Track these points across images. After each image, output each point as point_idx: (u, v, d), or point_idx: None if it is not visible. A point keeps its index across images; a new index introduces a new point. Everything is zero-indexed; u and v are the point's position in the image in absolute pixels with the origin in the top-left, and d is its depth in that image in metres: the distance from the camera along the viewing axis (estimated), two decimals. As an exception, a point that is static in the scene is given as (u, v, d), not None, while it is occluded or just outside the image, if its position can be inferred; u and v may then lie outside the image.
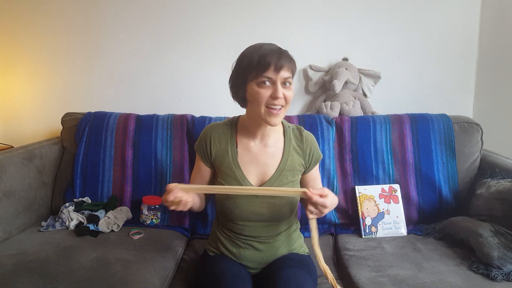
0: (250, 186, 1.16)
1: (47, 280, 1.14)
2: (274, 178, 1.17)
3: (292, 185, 1.19)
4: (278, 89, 1.06)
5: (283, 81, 1.07)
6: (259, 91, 1.07)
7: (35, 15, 2.09)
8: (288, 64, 1.07)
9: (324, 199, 1.03)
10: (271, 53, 1.06)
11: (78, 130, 1.77)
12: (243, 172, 1.17)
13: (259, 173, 1.18)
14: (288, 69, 1.08)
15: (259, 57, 1.06)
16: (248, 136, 1.20)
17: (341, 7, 2.03)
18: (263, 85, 1.07)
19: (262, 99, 1.07)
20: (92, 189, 1.71)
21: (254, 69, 1.06)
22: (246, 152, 1.19)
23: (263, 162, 1.18)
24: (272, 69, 1.05)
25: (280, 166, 1.18)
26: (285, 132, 1.23)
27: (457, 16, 2.01)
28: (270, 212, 1.16)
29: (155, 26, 2.07)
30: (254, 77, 1.07)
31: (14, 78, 2.15)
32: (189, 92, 2.12)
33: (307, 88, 2.10)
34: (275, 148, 1.20)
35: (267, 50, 1.07)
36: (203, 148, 1.21)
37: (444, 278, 1.20)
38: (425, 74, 2.06)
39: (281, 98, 1.07)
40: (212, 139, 1.20)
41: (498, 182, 1.47)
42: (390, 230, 1.57)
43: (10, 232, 1.46)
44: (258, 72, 1.06)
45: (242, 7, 2.04)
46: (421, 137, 1.69)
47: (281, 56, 1.06)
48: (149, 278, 1.20)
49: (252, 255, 1.19)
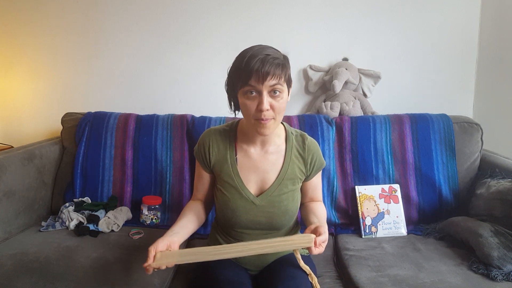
0: (250, 195, 1.13)
1: (47, 280, 1.14)
2: (274, 187, 1.13)
3: (292, 194, 1.15)
4: (263, 101, 0.98)
5: (271, 90, 0.99)
6: (245, 103, 1.01)
7: (35, 15, 2.09)
8: (274, 70, 0.97)
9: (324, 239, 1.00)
10: (253, 60, 0.96)
11: (78, 130, 1.77)
12: (242, 180, 1.13)
13: (259, 181, 1.15)
14: (275, 75, 0.98)
15: (244, 64, 0.97)
16: (248, 142, 1.15)
17: (341, 7, 2.03)
18: (250, 95, 1.00)
19: (250, 111, 1.01)
20: (92, 189, 1.71)
21: (239, 77, 0.99)
22: (246, 159, 1.15)
23: (263, 169, 1.14)
24: (255, 77, 0.96)
25: (280, 174, 1.14)
26: (287, 139, 1.18)
27: (457, 16, 2.01)
28: (269, 221, 1.14)
29: (155, 26, 2.07)
30: (241, 87, 1.00)
31: (14, 78, 2.15)
32: (189, 92, 2.12)
33: (307, 88, 2.10)
34: (276, 155, 1.15)
35: (251, 56, 0.98)
36: (202, 155, 1.18)
37: (444, 278, 1.19)
38: (425, 74, 2.06)
39: (268, 111, 0.99)
40: (211, 146, 1.16)
41: (498, 182, 1.47)
42: (390, 230, 1.57)
43: (10, 232, 1.46)
44: (243, 81, 0.98)
45: (242, 7, 2.04)
46: (421, 137, 1.68)
47: (264, 62, 0.96)
48: (149, 278, 1.20)
49: (251, 258, 1.17)
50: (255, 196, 1.13)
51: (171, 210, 1.69)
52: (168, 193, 1.70)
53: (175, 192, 1.69)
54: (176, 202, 1.69)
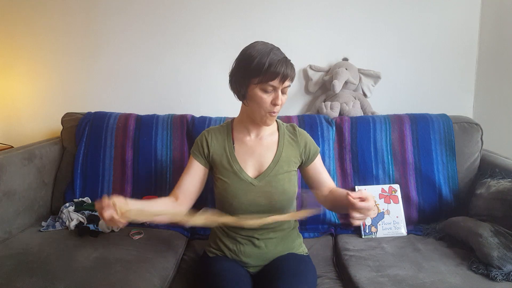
0: (248, 178, 1.19)
1: (47, 280, 1.14)
2: (270, 168, 1.20)
3: (288, 175, 1.22)
4: (279, 96, 1.11)
5: (283, 90, 1.12)
6: (262, 97, 1.11)
7: (35, 15, 2.09)
8: (291, 73, 1.11)
9: (366, 203, 0.96)
10: (280, 63, 1.08)
11: (78, 130, 1.77)
12: (240, 165, 1.21)
13: (256, 165, 1.22)
14: (291, 78, 1.12)
15: (268, 64, 1.07)
16: (244, 132, 1.25)
17: (341, 7, 2.03)
18: (267, 91, 1.11)
19: (265, 104, 1.12)
20: (92, 189, 1.71)
21: (261, 75, 1.08)
22: (242, 146, 1.24)
23: (259, 153, 1.22)
24: (279, 79, 1.08)
25: (275, 157, 1.22)
26: (279, 128, 1.28)
27: (457, 16, 2.01)
28: (268, 202, 1.18)
29: (155, 26, 2.07)
30: (259, 82, 1.09)
31: (14, 78, 2.15)
32: (189, 92, 2.12)
33: (307, 88, 2.10)
34: (270, 141, 1.25)
35: (275, 59, 1.08)
36: (200, 147, 1.25)
37: (444, 278, 1.20)
38: (425, 74, 2.06)
39: (281, 104, 1.13)
40: (210, 138, 1.25)
41: (498, 182, 1.47)
42: (390, 230, 1.57)
43: (10, 232, 1.46)
44: (265, 80, 1.08)
45: (242, 7, 2.04)
46: (421, 137, 1.68)
47: (287, 66, 1.09)
48: (149, 278, 1.20)
49: (251, 251, 1.20)
50: (253, 178, 1.20)
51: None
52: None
53: (175, 192, 1.69)
54: (176, 202, 1.69)
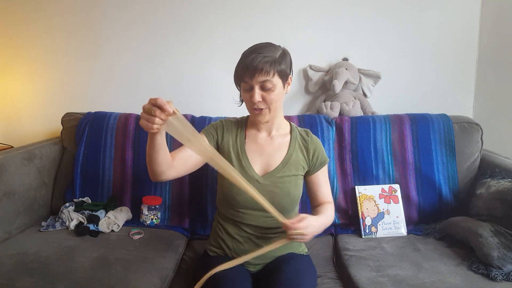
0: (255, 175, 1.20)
1: (47, 280, 1.13)
2: (278, 169, 1.21)
3: (295, 179, 1.22)
4: (254, 94, 1.10)
5: (261, 84, 1.10)
6: (245, 96, 1.15)
7: (35, 15, 2.09)
8: (262, 67, 1.07)
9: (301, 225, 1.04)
10: (246, 58, 1.09)
11: (78, 130, 1.77)
12: (249, 160, 1.22)
13: (264, 163, 1.23)
14: (263, 72, 1.07)
15: (239, 61, 1.12)
16: (256, 129, 1.26)
17: (341, 7, 2.03)
18: (246, 88, 1.13)
19: (247, 102, 1.16)
20: (92, 189, 1.71)
21: (237, 73, 1.14)
22: (253, 143, 1.25)
23: (268, 153, 1.23)
24: (247, 74, 1.09)
25: (285, 159, 1.23)
26: (292, 131, 1.28)
27: (457, 16, 2.01)
28: (271, 201, 1.15)
29: (155, 26, 2.07)
30: (237, 81, 1.15)
31: (14, 78, 2.15)
32: (189, 92, 2.12)
33: (307, 88, 2.10)
34: (281, 142, 1.25)
35: (246, 54, 1.11)
36: (214, 130, 1.26)
37: (444, 278, 1.20)
38: (425, 74, 2.06)
39: (259, 102, 1.11)
40: (225, 127, 1.27)
41: (498, 182, 1.47)
42: (390, 230, 1.57)
43: (10, 232, 1.46)
44: (240, 77, 1.12)
45: (242, 7, 2.04)
46: (421, 137, 1.69)
47: (254, 60, 1.07)
48: (149, 278, 1.20)
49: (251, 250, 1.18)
50: (260, 176, 1.21)
51: (171, 210, 1.70)
52: (168, 193, 1.70)
53: (175, 192, 1.69)
54: (176, 202, 1.69)
